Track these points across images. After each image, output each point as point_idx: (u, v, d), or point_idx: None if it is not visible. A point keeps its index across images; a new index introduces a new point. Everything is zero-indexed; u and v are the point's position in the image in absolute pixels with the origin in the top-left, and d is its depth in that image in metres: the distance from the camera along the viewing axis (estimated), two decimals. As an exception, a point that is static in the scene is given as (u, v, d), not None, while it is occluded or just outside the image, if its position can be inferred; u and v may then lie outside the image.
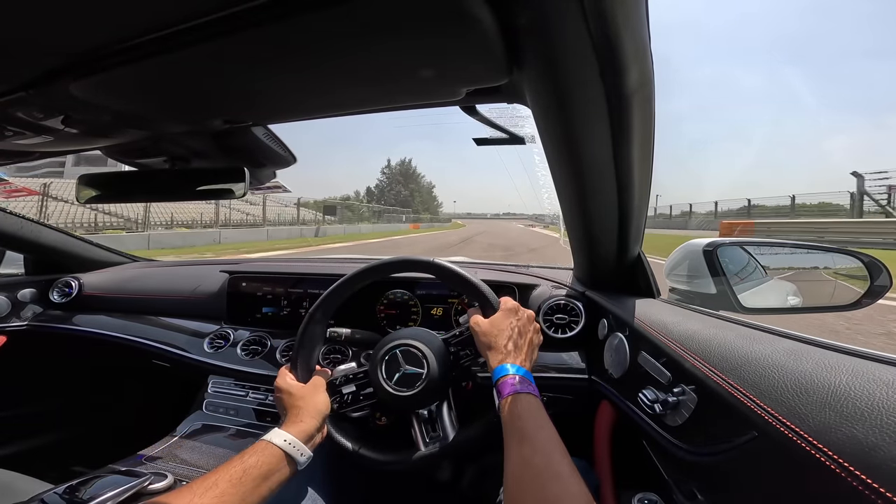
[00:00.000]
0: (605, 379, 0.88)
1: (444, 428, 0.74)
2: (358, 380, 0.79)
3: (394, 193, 79.21)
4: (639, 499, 0.68)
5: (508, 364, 0.64)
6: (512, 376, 0.61)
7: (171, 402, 1.28)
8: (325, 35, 0.43)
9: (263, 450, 0.61)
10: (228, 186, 0.80)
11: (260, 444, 0.62)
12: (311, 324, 0.80)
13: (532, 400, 0.57)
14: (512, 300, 0.76)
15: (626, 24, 0.42)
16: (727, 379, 0.48)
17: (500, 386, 0.60)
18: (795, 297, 1.03)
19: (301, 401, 0.71)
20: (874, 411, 0.33)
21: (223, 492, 0.54)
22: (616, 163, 0.64)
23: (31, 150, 0.84)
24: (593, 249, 0.93)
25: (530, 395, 0.58)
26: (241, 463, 0.58)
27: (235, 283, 1.35)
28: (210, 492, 0.53)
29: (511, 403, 0.57)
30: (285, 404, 0.72)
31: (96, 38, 0.46)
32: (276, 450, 0.62)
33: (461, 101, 0.65)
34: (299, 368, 0.78)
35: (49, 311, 1.50)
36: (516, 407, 0.56)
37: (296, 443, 0.64)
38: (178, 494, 0.52)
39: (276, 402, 0.75)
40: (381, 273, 0.82)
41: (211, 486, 0.54)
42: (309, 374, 0.78)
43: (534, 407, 0.56)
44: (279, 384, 0.75)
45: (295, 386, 0.74)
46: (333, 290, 0.81)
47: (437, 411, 0.76)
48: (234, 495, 0.54)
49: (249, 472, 0.57)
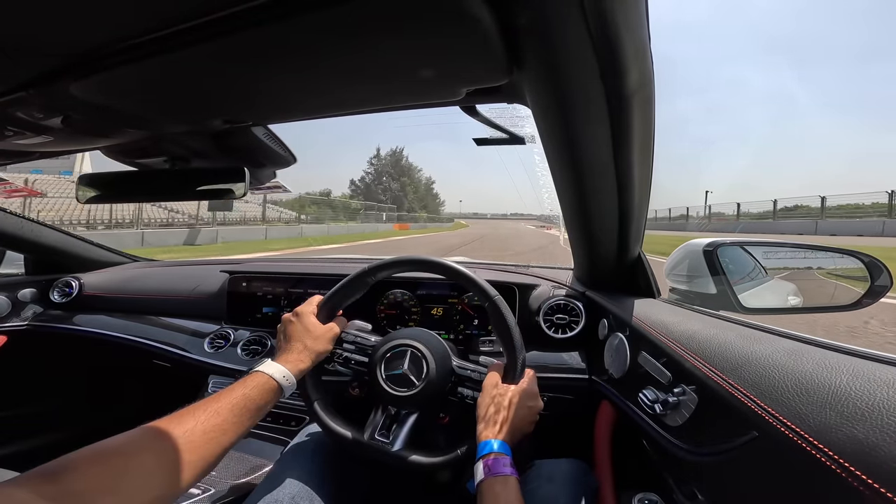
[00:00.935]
0: (605, 379, 0.88)
1: (397, 437, 0.72)
2: (361, 346, 0.80)
3: (382, 187, 69.76)
4: (639, 499, 0.68)
5: (497, 440, 0.63)
6: (501, 455, 0.61)
7: (171, 402, 1.27)
8: (325, 35, 0.43)
9: (264, 384, 0.62)
10: (228, 186, 0.80)
11: (261, 377, 0.63)
12: (363, 276, 0.81)
13: (516, 485, 0.58)
14: (534, 381, 0.73)
15: (627, 25, 0.42)
16: (727, 379, 0.48)
17: (487, 460, 0.61)
18: (796, 297, 1.03)
19: (310, 339, 0.72)
20: (875, 411, 0.33)
21: (225, 420, 0.55)
22: (616, 163, 0.64)
23: (31, 150, 0.84)
24: (593, 249, 0.93)
25: (516, 479, 0.59)
26: (243, 395, 0.59)
27: (236, 283, 1.35)
28: (213, 419, 0.54)
29: (498, 484, 0.58)
30: (293, 334, 0.73)
31: (96, 38, 0.46)
32: (274, 384, 0.63)
33: (461, 101, 0.65)
34: (326, 307, 0.78)
35: (49, 311, 1.50)
36: (504, 490, 0.57)
37: (290, 378, 0.66)
38: (181, 418, 0.52)
39: (284, 326, 0.75)
40: (439, 272, 0.79)
41: (213, 413, 0.54)
42: (330, 317, 0.79)
43: (514, 493, 0.57)
44: (302, 313, 0.76)
45: (315, 323, 0.75)
46: (395, 262, 0.81)
47: (404, 418, 0.74)
48: (234, 423, 0.56)
49: (249, 405, 0.58)
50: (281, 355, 0.70)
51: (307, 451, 0.77)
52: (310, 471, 0.72)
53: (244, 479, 0.89)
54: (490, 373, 0.73)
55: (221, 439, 0.54)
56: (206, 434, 0.52)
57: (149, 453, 0.47)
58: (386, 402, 0.75)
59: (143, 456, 0.46)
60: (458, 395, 0.76)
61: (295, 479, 0.70)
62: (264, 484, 0.70)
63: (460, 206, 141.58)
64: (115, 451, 0.45)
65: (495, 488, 0.57)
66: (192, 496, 0.81)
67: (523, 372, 0.73)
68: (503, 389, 0.69)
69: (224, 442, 0.54)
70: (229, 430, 0.55)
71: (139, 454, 0.46)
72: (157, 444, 0.48)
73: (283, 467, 0.73)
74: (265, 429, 1.08)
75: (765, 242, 1.04)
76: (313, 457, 0.76)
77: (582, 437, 0.93)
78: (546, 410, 0.73)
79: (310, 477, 0.71)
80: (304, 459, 0.75)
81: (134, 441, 0.47)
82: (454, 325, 1.18)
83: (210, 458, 0.52)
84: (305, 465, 0.73)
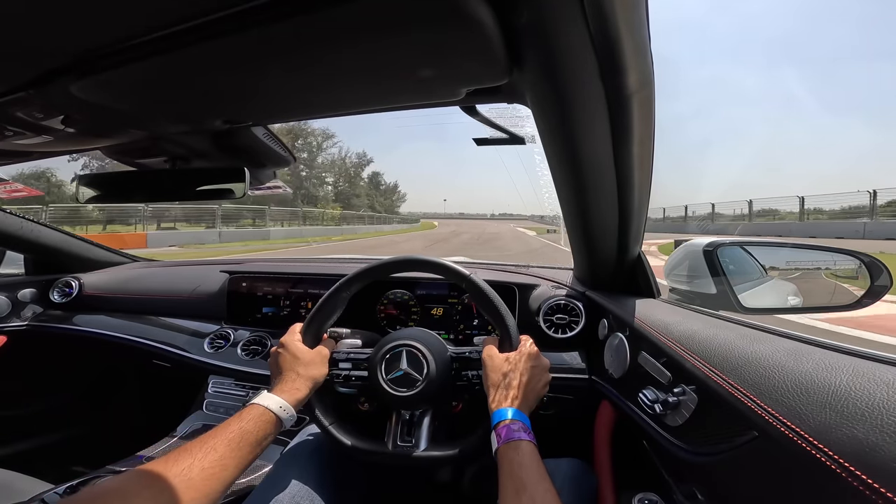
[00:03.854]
0: (605, 379, 0.88)
1: (419, 438, 0.72)
2: (356, 360, 0.79)
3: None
4: (639, 499, 0.68)
5: (508, 408, 0.63)
6: (512, 421, 0.60)
7: (171, 402, 1.28)
8: (325, 35, 0.43)
9: (260, 416, 0.62)
10: (229, 186, 0.80)
11: (256, 409, 0.62)
12: (338, 292, 0.79)
13: (531, 449, 0.57)
14: (533, 344, 0.73)
15: (627, 25, 0.42)
16: (727, 379, 0.48)
17: (499, 429, 0.60)
18: (795, 297, 1.03)
19: (301, 366, 0.71)
20: (874, 411, 0.33)
21: (222, 455, 0.54)
22: (616, 163, 0.64)
23: (31, 150, 0.84)
24: (593, 249, 0.94)
25: (530, 443, 0.58)
26: (240, 428, 0.58)
27: (236, 283, 1.35)
28: (209, 455, 0.53)
29: (511, 450, 0.57)
30: (284, 365, 0.72)
31: (97, 38, 0.46)
32: (271, 416, 0.62)
33: (461, 101, 0.65)
34: (310, 332, 0.77)
35: (49, 311, 1.50)
36: (517, 455, 0.56)
37: (289, 409, 0.65)
38: (177, 457, 0.52)
39: (274, 359, 0.74)
40: (416, 268, 0.80)
41: (210, 450, 0.54)
42: (316, 340, 0.77)
43: (534, 457, 0.56)
44: (287, 342, 0.74)
45: (302, 349, 0.73)
46: (370, 269, 0.80)
47: (419, 419, 0.75)
48: (232, 459, 0.55)
49: (246, 438, 0.58)
50: (276, 386, 0.69)
51: (305, 452, 0.77)
52: (308, 471, 0.72)
53: (244, 480, 0.89)
54: (486, 347, 0.73)
55: (222, 475, 0.53)
56: (205, 471, 0.51)
57: (147, 493, 0.47)
58: (398, 407, 0.75)
59: (142, 497, 0.46)
60: (464, 379, 0.76)
61: (293, 479, 0.70)
62: (263, 485, 0.70)
63: (444, 206, 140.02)
64: (113, 492, 0.45)
65: (508, 454, 0.57)
66: None
67: (518, 338, 0.73)
68: (503, 357, 0.69)
69: (225, 477, 0.53)
70: (229, 465, 0.54)
71: (137, 496, 0.46)
72: (155, 483, 0.48)
73: (282, 468, 0.73)
74: None
75: (765, 242, 1.04)
76: (312, 458, 0.76)
77: (582, 437, 0.93)
78: (546, 410, 0.73)
79: (308, 477, 0.71)
80: (302, 460, 0.75)
81: (131, 482, 0.47)
82: (454, 324, 1.18)
83: (213, 494, 0.51)
84: (304, 466, 0.73)
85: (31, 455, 1.47)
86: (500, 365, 0.68)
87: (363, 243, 17.59)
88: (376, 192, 57.35)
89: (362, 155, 52.34)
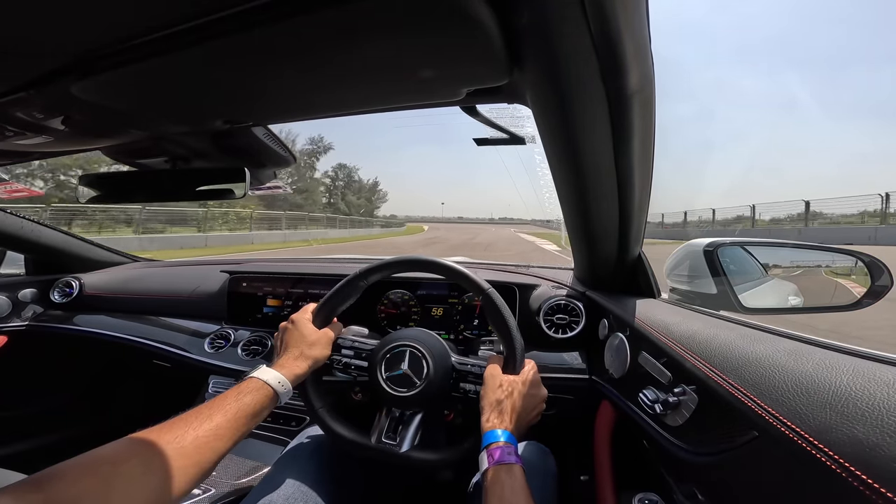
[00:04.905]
0: (605, 379, 0.88)
1: (404, 438, 0.72)
2: (359, 350, 0.80)
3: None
4: (639, 499, 0.68)
5: (502, 430, 0.63)
6: (506, 444, 0.61)
7: (171, 403, 1.28)
8: (325, 35, 0.43)
9: (258, 389, 0.62)
10: (229, 186, 0.80)
11: (255, 383, 0.63)
12: (357, 279, 0.81)
13: (522, 474, 0.58)
14: (536, 372, 0.72)
15: (627, 26, 0.42)
16: (728, 379, 0.48)
17: (491, 450, 0.60)
18: (796, 297, 1.03)
19: (305, 345, 0.72)
20: (875, 411, 0.33)
21: (218, 425, 0.54)
22: (617, 163, 0.64)
23: (31, 150, 0.84)
24: (594, 249, 0.94)
25: (521, 468, 0.59)
26: (237, 401, 0.59)
27: (236, 283, 1.35)
28: (204, 424, 0.53)
29: (504, 472, 0.57)
30: (290, 341, 0.73)
31: (97, 38, 0.46)
32: (269, 390, 0.63)
33: (462, 102, 0.65)
34: (321, 314, 0.78)
35: (50, 311, 1.50)
36: (509, 479, 0.57)
37: (286, 384, 0.66)
38: (172, 426, 0.52)
39: (282, 333, 0.76)
40: (434, 271, 0.80)
41: (205, 419, 0.54)
42: (326, 323, 0.79)
43: (524, 483, 0.57)
44: (297, 319, 0.76)
45: (310, 329, 0.75)
46: (389, 263, 0.81)
47: (409, 419, 0.74)
48: (228, 429, 0.55)
49: (243, 410, 0.58)
50: (277, 361, 0.70)
51: (305, 452, 0.77)
52: (306, 472, 0.72)
53: (245, 480, 0.89)
54: (490, 364, 0.73)
55: (215, 445, 0.53)
56: (198, 439, 0.51)
57: (137, 460, 0.46)
58: (389, 404, 0.75)
59: (132, 463, 0.46)
60: (460, 391, 0.76)
61: (291, 480, 0.70)
62: (261, 486, 0.70)
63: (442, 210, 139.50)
64: (104, 459, 0.45)
65: (500, 476, 0.57)
66: (192, 496, 0.81)
67: (523, 362, 0.72)
68: (505, 380, 0.69)
69: (219, 447, 0.53)
70: (224, 436, 0.54)
71: (127, 461, 0.45)
72: (146, 450, 0.48)
73: (280, 469, 0.73)
74: (266, 429, 1.08)
75: (765, 242, 1.04)
76: (310, 458, 0.76)
77: (582, 437, 0.94)
78: (547, 410, 0.73)
79: (306, 478, 0.71)
80: (301, 461, 0.75)
81: (122, 449, 0.47)
82: (454, 325, 1.18)
83: (204, 463, 0.51)
84: (302, 467, 0.73)
85: (31, 455, 1.47)
86: (500, 385, 0.68)
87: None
88: (347, 190, 48.75)
89: (317, 140, 41.44)
